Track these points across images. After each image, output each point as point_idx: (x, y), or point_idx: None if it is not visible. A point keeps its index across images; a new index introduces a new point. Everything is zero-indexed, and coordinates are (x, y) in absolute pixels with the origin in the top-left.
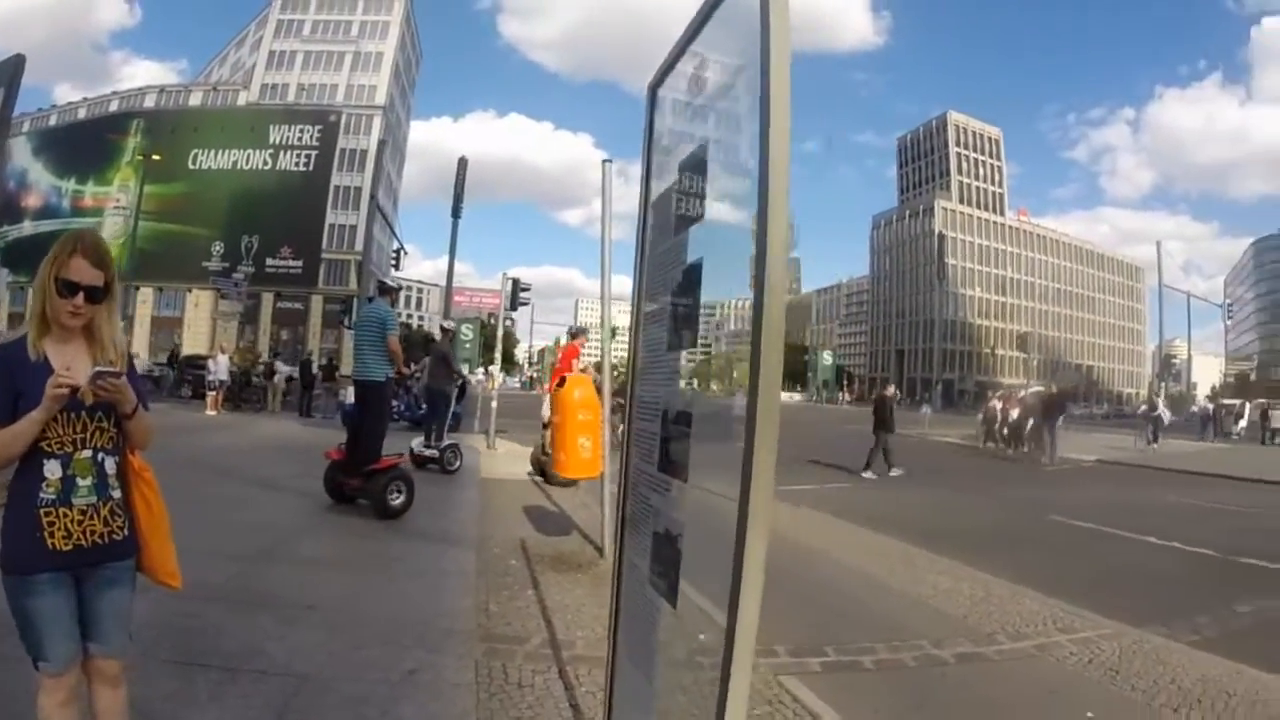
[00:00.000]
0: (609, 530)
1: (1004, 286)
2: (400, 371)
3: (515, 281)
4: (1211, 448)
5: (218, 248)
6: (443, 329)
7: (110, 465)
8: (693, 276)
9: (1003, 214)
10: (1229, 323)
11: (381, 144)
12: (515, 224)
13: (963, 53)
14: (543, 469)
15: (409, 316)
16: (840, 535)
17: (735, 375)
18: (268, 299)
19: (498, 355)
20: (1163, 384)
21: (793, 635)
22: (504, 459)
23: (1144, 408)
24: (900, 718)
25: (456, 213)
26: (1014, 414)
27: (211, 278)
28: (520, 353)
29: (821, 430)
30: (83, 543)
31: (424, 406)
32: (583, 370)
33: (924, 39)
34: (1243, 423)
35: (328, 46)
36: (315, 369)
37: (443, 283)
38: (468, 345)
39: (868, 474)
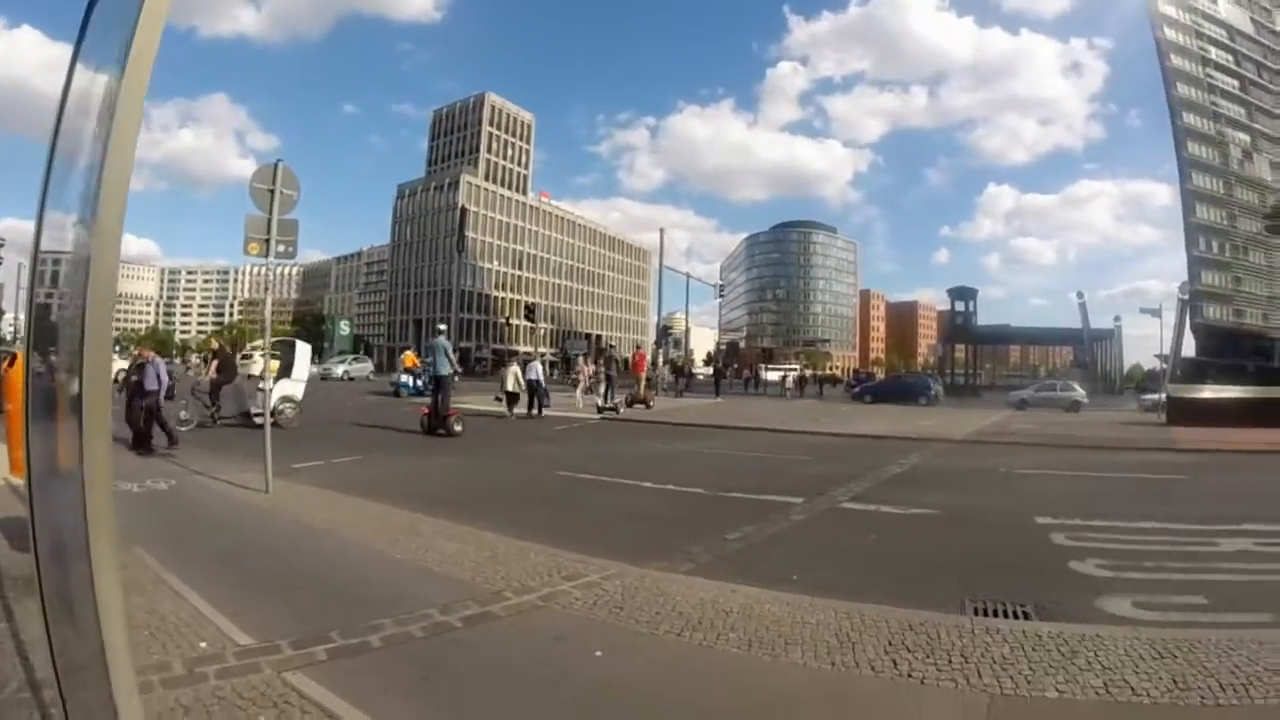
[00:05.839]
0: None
1: (522, 261)
2: (456, 370)
3: None
4: (712, 402)
5: None
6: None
7: None
8: None
9: (526, 194)
10: (721, 299)
11: None
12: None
13: (512, 43)
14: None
15: None
16: (345, 510)
17: None
18: None
19: None
20: (660, 350)
21: (297, 625)
22: None
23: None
24: (410, 690)
25: None
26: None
27: None
28: None
29: (339, 404)
30: None
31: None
32: None
33: (478, 22)
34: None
35: None
36: None
37: None
38: None
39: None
